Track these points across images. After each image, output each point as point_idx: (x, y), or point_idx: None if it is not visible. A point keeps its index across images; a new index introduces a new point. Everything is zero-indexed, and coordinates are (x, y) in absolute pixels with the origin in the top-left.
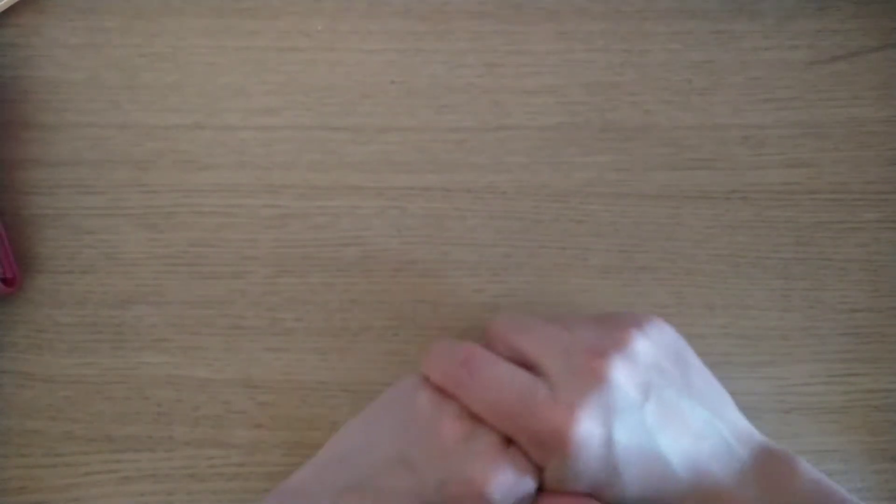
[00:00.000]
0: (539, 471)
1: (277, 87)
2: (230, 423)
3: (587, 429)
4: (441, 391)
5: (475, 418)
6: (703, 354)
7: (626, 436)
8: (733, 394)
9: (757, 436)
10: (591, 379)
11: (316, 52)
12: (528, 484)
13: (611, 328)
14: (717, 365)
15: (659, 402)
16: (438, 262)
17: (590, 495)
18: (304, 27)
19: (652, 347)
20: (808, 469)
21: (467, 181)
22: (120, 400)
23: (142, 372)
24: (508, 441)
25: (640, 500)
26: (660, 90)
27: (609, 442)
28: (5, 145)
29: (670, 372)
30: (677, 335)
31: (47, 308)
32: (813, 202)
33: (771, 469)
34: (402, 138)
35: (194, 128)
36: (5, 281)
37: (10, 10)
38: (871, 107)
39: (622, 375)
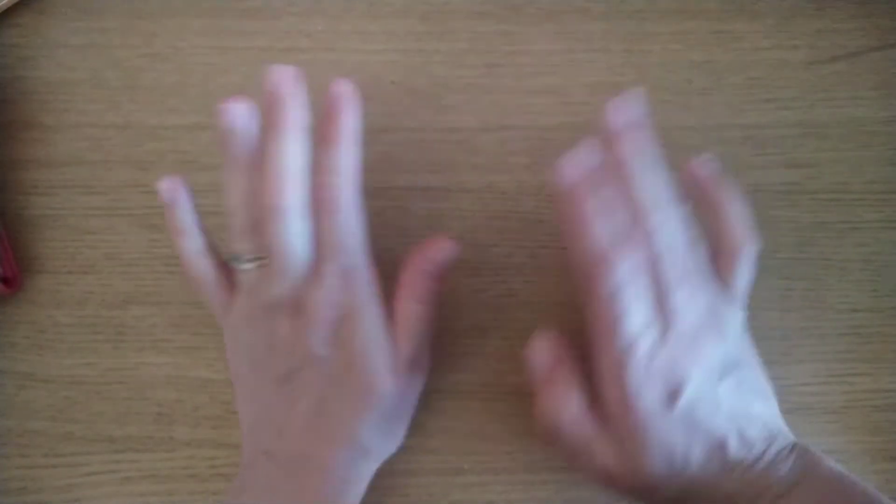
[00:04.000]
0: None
1: None
2: (230, 424)
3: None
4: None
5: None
6: None
7: (693, 396)
8: None
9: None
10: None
11: (316, 53)
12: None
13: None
14: None
15: (734, 386)
16: None
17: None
18: (305, 27)
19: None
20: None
21: (468, 181)
22: (120, 400)
23: (142, 372)
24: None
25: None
26: (660, 90)
27: (674, 395)
28: (6, 145)
29: (747, 368)
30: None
31: (48, 308)
32: (813, 202)
33: (798, 456)
34: (403, 138)
35: (194, 128)
36: (6, 281)
37: (10, 11)
38: (871, 107)
39: (711, 352)
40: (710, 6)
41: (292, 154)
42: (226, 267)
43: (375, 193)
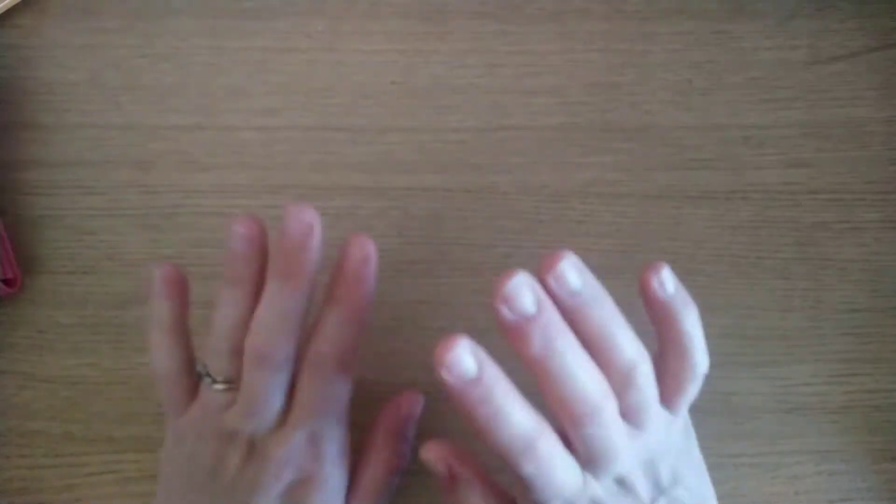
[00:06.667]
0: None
1: (278, 88)
2: None
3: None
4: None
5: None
6: None
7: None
8: (734, 394)
9: None
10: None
11: (316, 53)
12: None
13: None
14: (719, 366)
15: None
16: (438, 262)
17: None
18: (305, 28)
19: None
20: None
21: (468, 181)
22: (120, 400)
23: (142, 372)
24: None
25: None
26: (660, 90)
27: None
28: (6, 146)
29: (688, 483)
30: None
31: (48, 309)
32: (813, 202)
33: None
34: (403, 139)
35: (195, 128)
36: (6, 282)
37: (10, 12)
38: (871, 107)
39: (642, 485)
40: (710, 6)
41: (292, 306)
42: (192, 364)
43: (375, 193)
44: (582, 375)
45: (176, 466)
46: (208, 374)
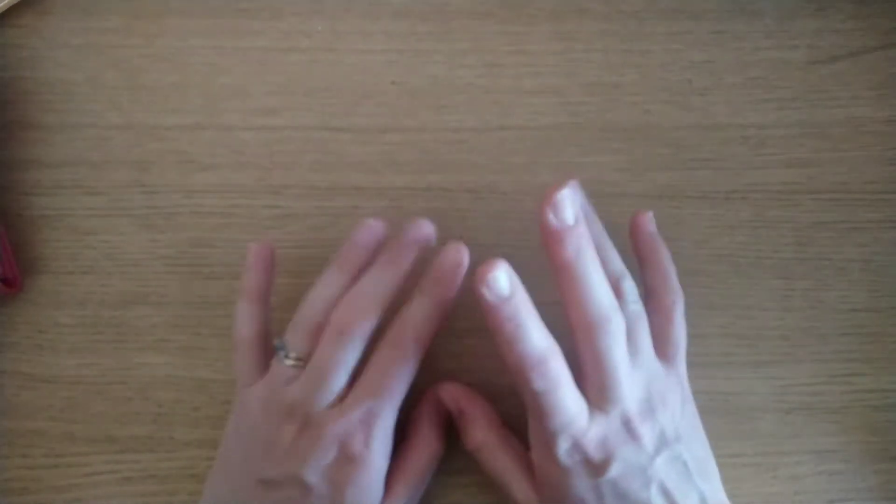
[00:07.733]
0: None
1: (278, 88)
2: None
3: (593, 438)
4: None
5: (292, 412)
6: (703, 355)
7: (620, 471)
8: (734, 394)
9: None
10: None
11: (316, 53)
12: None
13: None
14: (718, 365)
15: (670, 461)
16: None
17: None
18: (305, 27)
19: (680, 417)
20: None
21: (468, 181)
22: (121, 400)
23: (142, 372)
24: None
25: None
26: (660, 90)
27: (601, 468)
28: (6, 145)
29: (689, 442)
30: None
31: (48, 309)
32: (813, 202)
33: None
34: (403, 138)
35: (195, 128)
36: (6, 282)
37: (11, 11)
38: (871, 107)
39: (646, 432)
40: (709, 6)
41: (384, 288)
42: (268, 336)
43: (375, 193)
44: (599, 285)
45: (239, 435)
46: (283, 348)
